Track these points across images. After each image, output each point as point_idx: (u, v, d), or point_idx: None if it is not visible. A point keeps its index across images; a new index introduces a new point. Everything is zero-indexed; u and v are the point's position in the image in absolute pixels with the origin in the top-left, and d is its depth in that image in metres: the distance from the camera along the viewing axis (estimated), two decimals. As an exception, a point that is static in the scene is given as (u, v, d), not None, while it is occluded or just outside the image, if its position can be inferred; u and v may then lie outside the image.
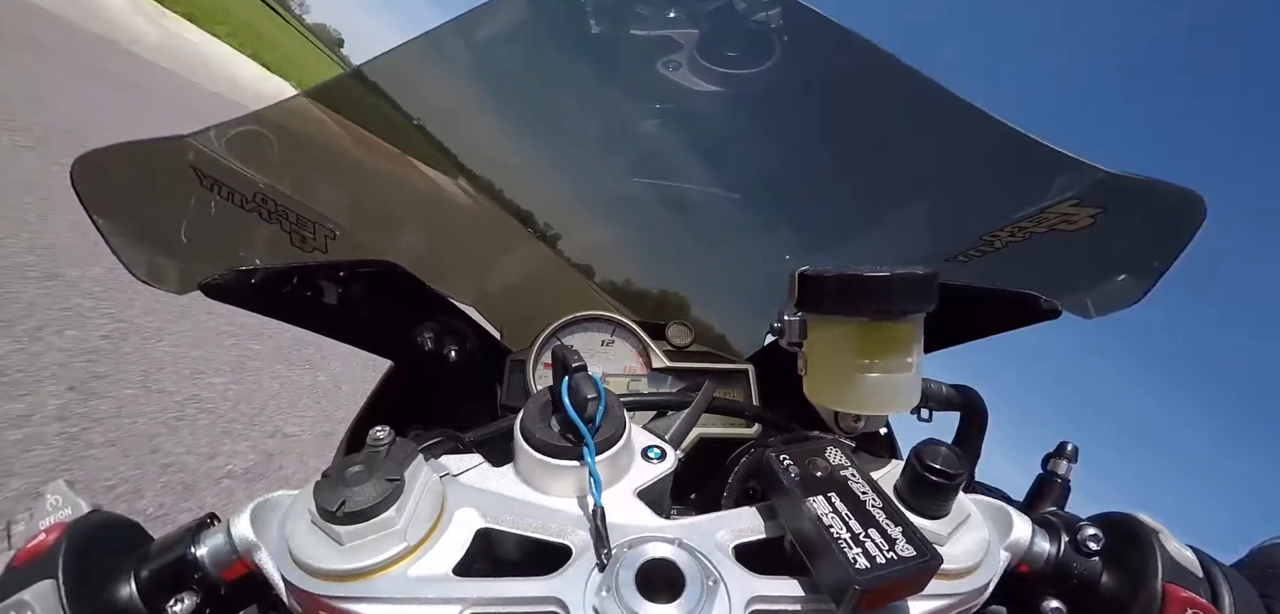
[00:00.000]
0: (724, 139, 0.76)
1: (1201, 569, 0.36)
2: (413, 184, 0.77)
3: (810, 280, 0.43)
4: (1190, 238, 0.53)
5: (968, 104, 0.57)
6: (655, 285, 0.87)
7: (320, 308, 0.61)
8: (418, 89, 0.69)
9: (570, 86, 0.75)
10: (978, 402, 0.60)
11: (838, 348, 0.44)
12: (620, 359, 0.71)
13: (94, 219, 0.51)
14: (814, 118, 0.73)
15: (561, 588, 0.30)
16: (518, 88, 0.76)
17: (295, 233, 0.62)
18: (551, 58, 0.72)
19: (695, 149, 0.78)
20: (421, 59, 0.64)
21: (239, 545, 0.35)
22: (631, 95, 0.74)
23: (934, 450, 0.36)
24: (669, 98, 0.70)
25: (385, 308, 0.64)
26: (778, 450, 0.38)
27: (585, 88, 0.75)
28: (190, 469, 1.90)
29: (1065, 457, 0.55)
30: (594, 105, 0.77)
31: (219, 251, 0.58)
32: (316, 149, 0.66)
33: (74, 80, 5.22)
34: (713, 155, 0.78)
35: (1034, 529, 0.39)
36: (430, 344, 0.67)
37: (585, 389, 0.37)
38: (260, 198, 0.59)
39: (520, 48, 0.69)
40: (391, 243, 0.73)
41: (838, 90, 0.69)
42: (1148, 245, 0.57)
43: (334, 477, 0.32)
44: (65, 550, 0.32)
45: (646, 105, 0.73)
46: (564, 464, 0.36)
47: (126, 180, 0.54)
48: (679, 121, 0.74)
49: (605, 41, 0.67)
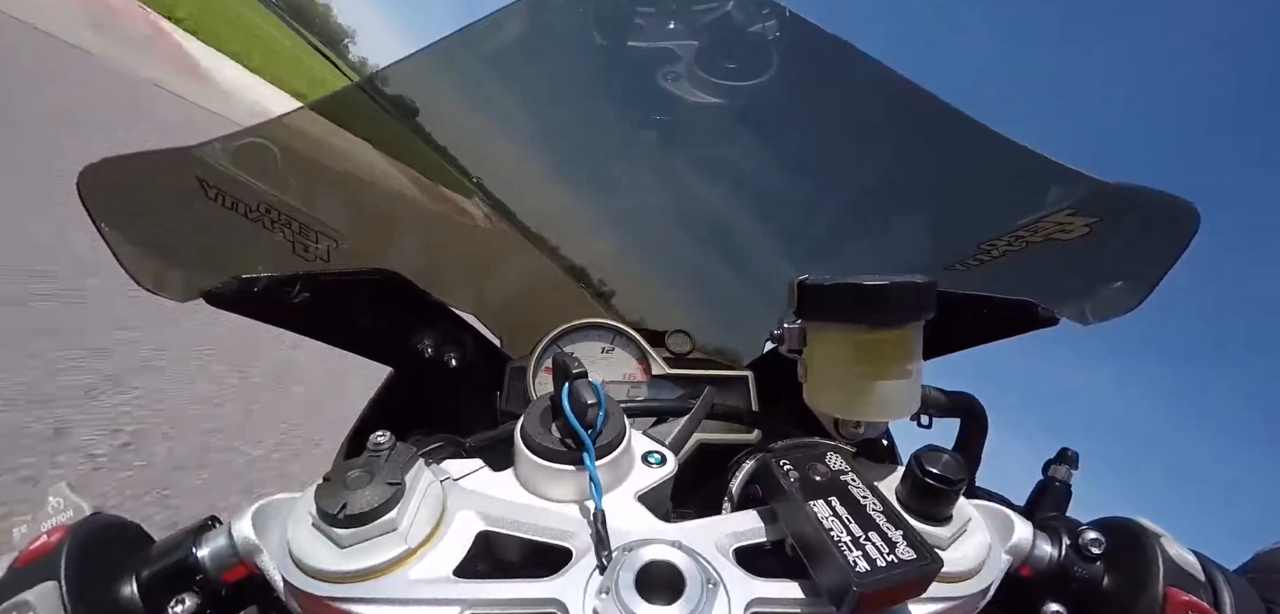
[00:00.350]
0: (723, 150, 0.77)
1: (1203, 573, 0.36)
2: (414, 194, 0.77)
3: (810, 289, 0.44)
4: (1185, 246, 0.54)
5: (965, 116, 0.57)
6: (655, 293, 0.88)
7: (322, 316, 0.61)
8: (420, 102, 0.70)
9: (571, 98, 0.76)
10: (977, 408, 0.61)
11: (838, 355, 0.44)
12: (620, 366, 0.71)
13: (100, 228, 0.52)
14: (812, 129, 0.74)
15: (561, 589, 0.30)
16: (518, 99, 0.77)
17: (298, 242, 0.62)
18: (552, 70, 0.73)
19: (694, 160, 0.79)
20: (423, 72, 0.65)
21: (240, 547, 0.35)
22: (633, 107, 0.74)
23: (934, 456, 0.36)
24: (669, 109, 0.71)
25: (386, 316, 0.65)
26: (778, 455, 0.38)
27: (586, 99, 0.76)
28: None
29: (1066, 462, 0.55)
30: (594, 116, 0.78)
31: (223, 260, 0.59)
32: (319, 159, 0.66)
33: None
34: (711, 166, 0.79)
35: (1035, 533, 0.39)
36: (431, 351, 0.67)
37: (585, 395, 0.37)
38: (264, 207, 0.59)
39: (521, 60, 0.70)
40: (393, 252, 0.73)
41: (836, 102, 0.70)
42: (1143, 253, 0.57)
43: (335, 480, 0.33)
44: (67, 552, 0.32)
45: (648, 117, 0.74)
46: (565, 469, 0.36)
47: (132, 190, 0.54)
48: (679, 132, 0.74)
49: (606, 53, 0.68)
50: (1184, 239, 0.54)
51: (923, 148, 0.67)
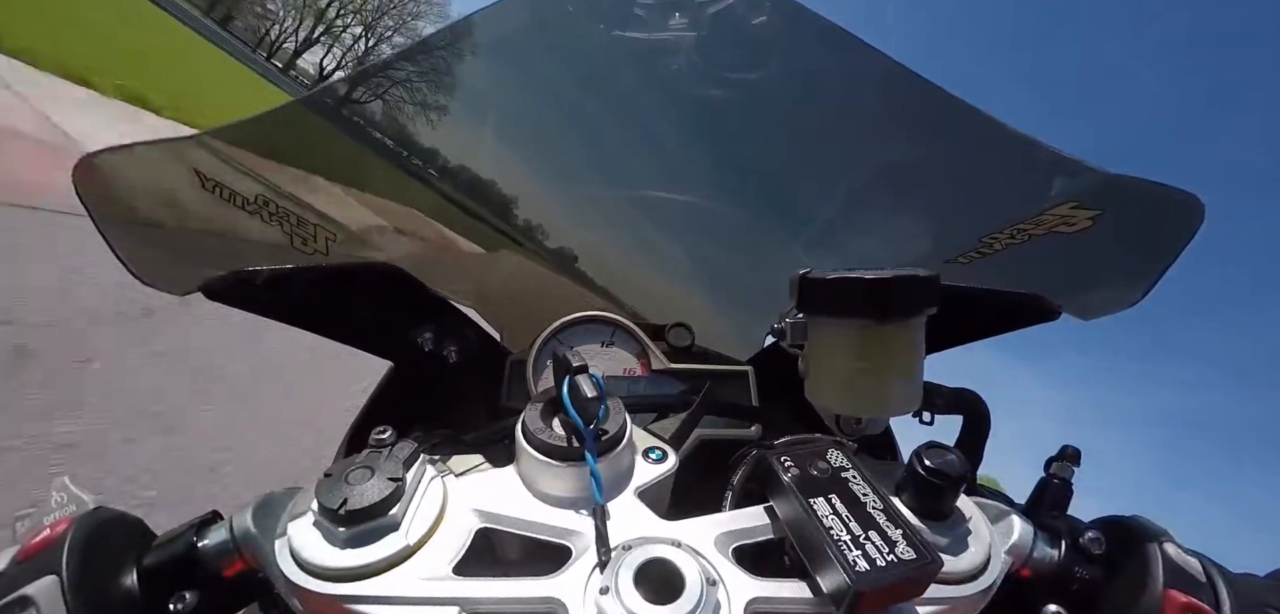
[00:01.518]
0: (724, 142, 0.76)
1: (1204, 575, 0.36)
2: (413, 187, 0.77)
3: (811, 283, 0.43)
4: (1189, 240, 0.53)
5: (968, 106, 0.57)
6: (655, 287, 0.87)
7: (321, 309, 0.61)
8: (419, 93, 0.69)
9: (570, 91, 0.75)
10: (980, 405, 0.60)
11: (839, 350, 0.44)
12: (620, 361, 0.71)
13: (96, 221, 0.51)
14: (815, 121, 0.74)
15: (561, 588, 0.30)
16: (517, 92, 0.76)
17: (296, 235, 0.62)
18: (549, 61, 0.72)
19: (695, 152, 0.78)
20: (421, 63, 0.65)
21: (241, 543, 0.35)
22: (631, 100, 0.74)
23: (935, 453, 0.36)
24: (669, 102, 0.70)
25: (385, 310, 0.65)
26: (779, 452, 0.38)
27: (585, 92, 0.75)
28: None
29: (1068, 459, 0.55)
30: (594, 109, 0.77)
31: (221, 254, 0.58)
32: (317, 152, 0.66)
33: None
34: (713, 159, 0.79)
35: (1036, 533, 0.39)
36: (430, 346, 0.67)
37: (586, 390, 0.37)
38: (261, 200, 0.59)
39: (518, 52, 0.70)
40: (391, 245, 0.73)
41: (839, 93, 0.69)
42: (1147, 247, 0.57)
43: (336, 476, 0.33)
44: (69, 546, 0.32)
45: (646, 110, 0.73)
46: (565, 465, 0.36)
47: (129, 183, 0.54)
48: (678, 125, 0.74)
49: (603, 46, 0.67)
50: (1188, 232, 0.53)
51: (924, 138, 0.67)
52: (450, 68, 0.69)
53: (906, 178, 0.72)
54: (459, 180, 0.78)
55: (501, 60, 0.69)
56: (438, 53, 0.64)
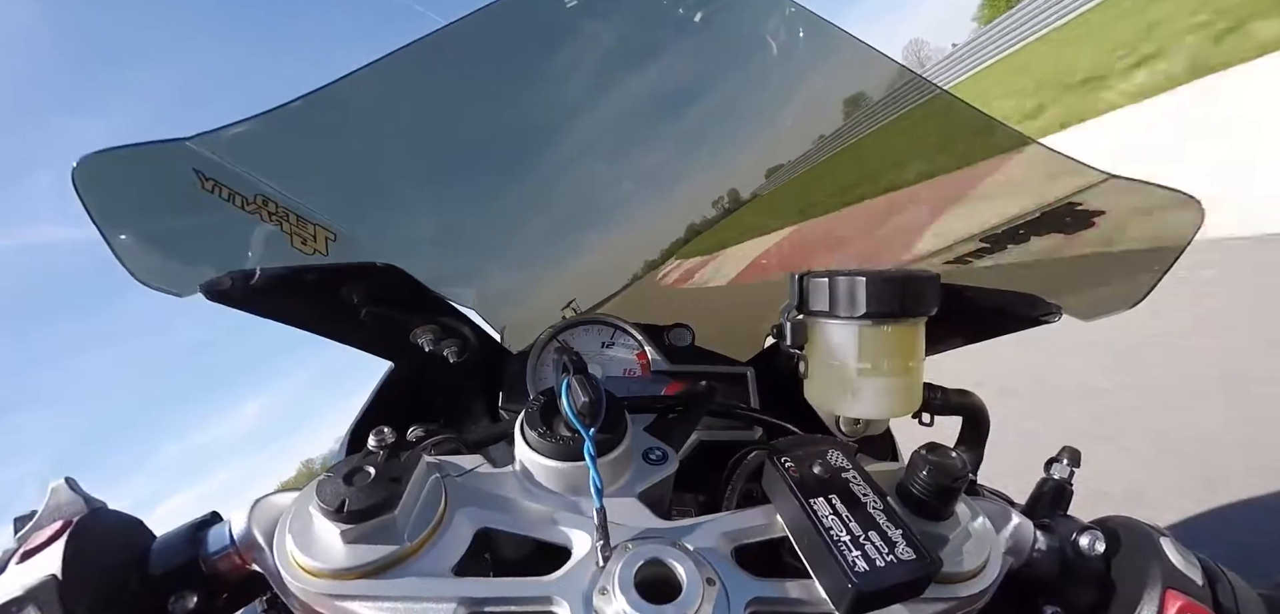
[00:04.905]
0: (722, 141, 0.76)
1: (1203, 574, 0.36)
2: (412, 187, 0.77)
3: (811, 283, 0.43)
4: (1188, 241, 0.53)
5: (970, 106, 0.57)
6: (653, 288, 0.87)
7: (321, 310, 0.61)
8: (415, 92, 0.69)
9: (570, 87, 0.75)
10: (979, 406, 0.60)
11: (838, 351, 0.44)
12: (620, 361, 0.71)
13: (96, 222, 0.51)
14: (814, 120, 0.74)
15: (560, 588, 0.30)
16: (516, 90, 0.76)
17: (295, 235, 0.62)
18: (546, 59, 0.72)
19: (695, 150, 0.78)
20: (418, 64, 0.64)
21: (240, 543, 0.35)
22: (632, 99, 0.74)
23: (936, 454, 0.36)
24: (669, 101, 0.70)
25: (385, 310, 0.64)
26: (779, 452, 0.38)
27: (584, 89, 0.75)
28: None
29: (1067, 460, 0.55)
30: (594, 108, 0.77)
31: (220, 254, 0.58)
32: (317, 152, 0.66)
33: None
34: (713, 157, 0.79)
35: (1035, 533, 0.39)
36: (430, 346, 0.66)
37: (586, 391, 0.37)
38: (261, 200, 0.59)
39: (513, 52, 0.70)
40: (391, 245, 0.73)
41: (839, 94, 0.69)
42: (1146, 248, 0.57)
43: (335, 476, 0.33)
44: (68, 547, 0.32)
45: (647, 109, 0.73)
46: (565, 465, 0.36)
47: (128, 183, 0.54)
48: (677, 124, 0.74)
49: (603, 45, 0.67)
50: (1187, 234, 0.53)
51: (926, 140, 0.67)
52: (447, 67, 0.69)
53: (907, 178, 0.72)
54: (463, 180, 0.78)
55: (501, 60, 0.69)
56: (436, 51, 0.64)
